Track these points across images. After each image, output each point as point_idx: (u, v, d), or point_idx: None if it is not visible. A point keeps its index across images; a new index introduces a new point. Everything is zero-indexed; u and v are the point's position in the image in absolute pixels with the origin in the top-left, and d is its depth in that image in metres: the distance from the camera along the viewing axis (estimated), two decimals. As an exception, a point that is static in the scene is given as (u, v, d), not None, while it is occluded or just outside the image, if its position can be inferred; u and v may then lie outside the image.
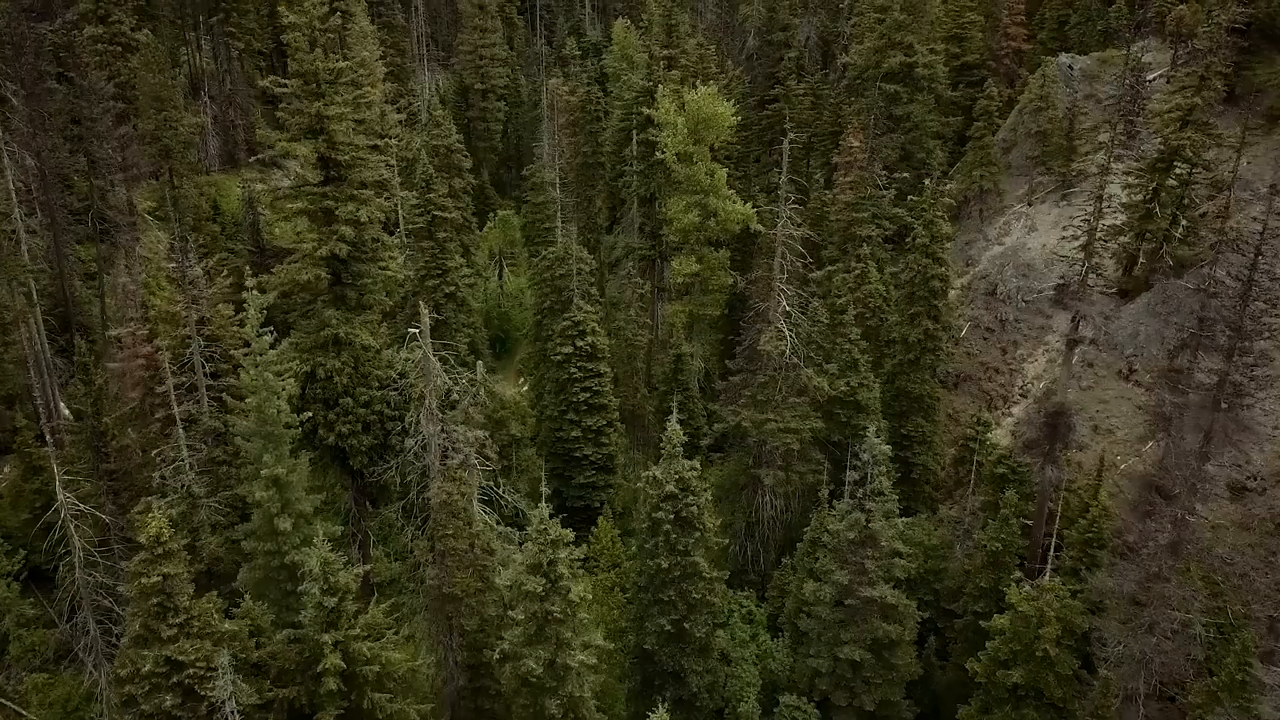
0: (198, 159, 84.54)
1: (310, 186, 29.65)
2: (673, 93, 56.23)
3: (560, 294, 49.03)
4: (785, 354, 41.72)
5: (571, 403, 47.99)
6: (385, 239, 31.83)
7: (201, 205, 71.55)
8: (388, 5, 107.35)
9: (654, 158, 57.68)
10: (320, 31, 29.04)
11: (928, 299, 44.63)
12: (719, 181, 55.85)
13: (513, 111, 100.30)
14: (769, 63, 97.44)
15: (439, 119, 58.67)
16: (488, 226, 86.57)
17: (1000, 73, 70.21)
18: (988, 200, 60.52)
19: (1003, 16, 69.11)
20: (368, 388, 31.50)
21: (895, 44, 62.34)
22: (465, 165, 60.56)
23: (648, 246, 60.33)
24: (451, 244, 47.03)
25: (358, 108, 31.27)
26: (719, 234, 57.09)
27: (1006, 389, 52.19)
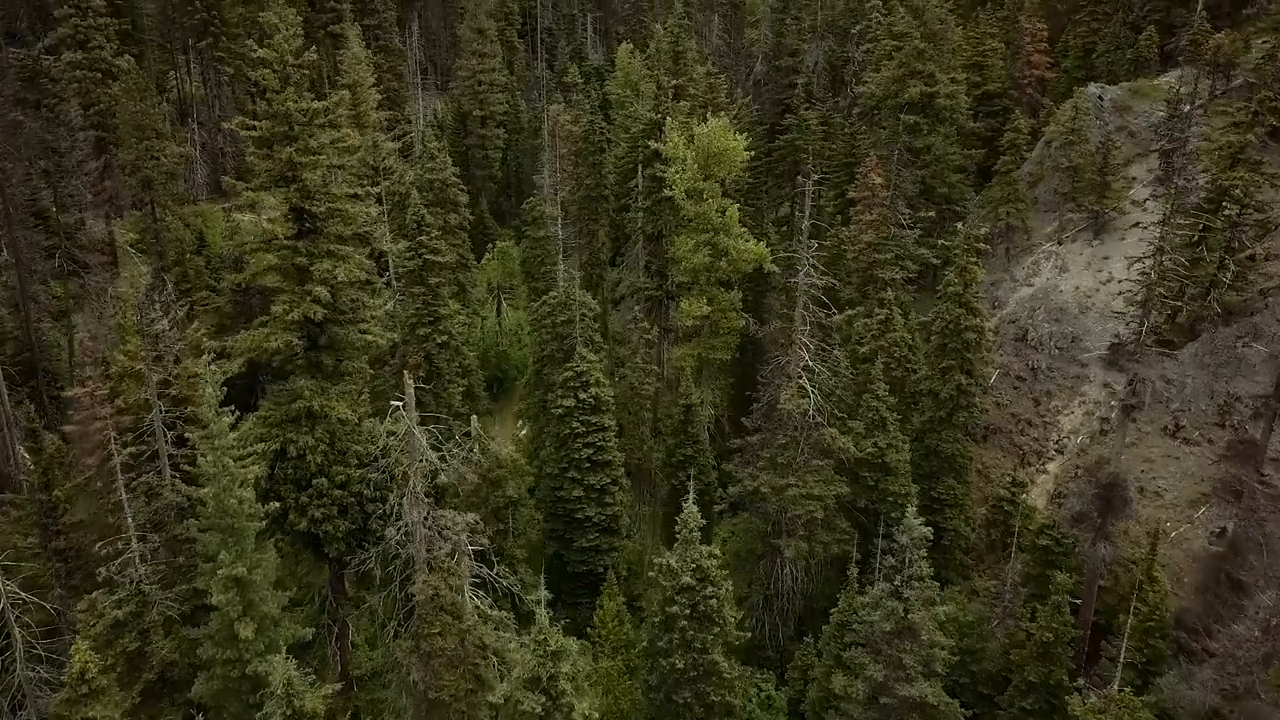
0: (184, 188, 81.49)
1: (281, 240, 26.19)
2: (681, 125, 52.97)
3: (562, 342, 45.54)
4: (808, 413, 38.20)
5: (573, 459, 44.39)
6: (366, 300, 28.36)
7: (185, 238, 68.13)
8: (384, 29, 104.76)
9: (661, 194, 54.33)
10: (294, 68, 25.70)
11: (960, 351, 41.13)
12: (730, 219, 52.50)
13: (512, 139, 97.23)
14: (777, 88, 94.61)
15: (434, 151, 55.35)
16: (486, 258, 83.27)
17: (1022, 102, 67.07)
18: (1014, 238, 57.14)
19: (1024, 44, 65.98)
20: (345, 466, 27.93)
21: (915, 73, 59.12)
22: (461, 200, 57.23)
23: (654, 286, 56.89)
24: (445, 289, 43.55)
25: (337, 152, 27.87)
26: (730, 274, 53.70)
27: (1040, 443, 48.58)
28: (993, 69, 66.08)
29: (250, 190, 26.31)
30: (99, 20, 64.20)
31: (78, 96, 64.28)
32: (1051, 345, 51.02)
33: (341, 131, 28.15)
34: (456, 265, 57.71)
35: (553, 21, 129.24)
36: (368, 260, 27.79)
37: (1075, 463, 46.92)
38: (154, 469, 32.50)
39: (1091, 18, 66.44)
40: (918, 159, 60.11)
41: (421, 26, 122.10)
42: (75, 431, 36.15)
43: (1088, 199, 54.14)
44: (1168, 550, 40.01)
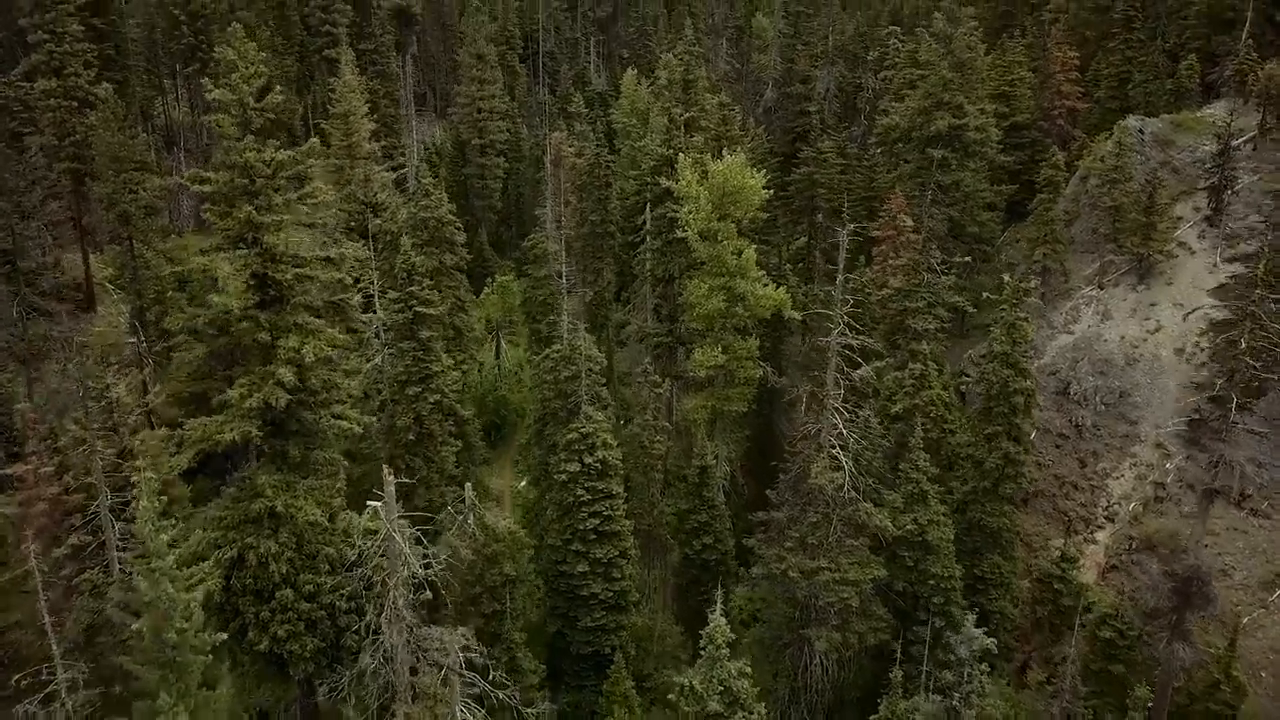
0: (169, 220, 77.77)
1: (238, 314, 22.26)
2: (694, 161, 49.22)
3: (566, 399, 41.55)
4: (843, 487, 34.15)
5: (577, 530, 40.28)
6: (339, 381, 24.40)
7: (166, 275, 64.12)
8: (381, 54, 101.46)
9: (673, 234, 50.57)
10: (256, 111, 21.89)
11: (1007, 416, 37.14)
12: (747, 262, 48.59)
13: (513, 167, 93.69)
14: (788, 116, 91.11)
15: (428, 188, 51.58)
16: (485, 293, 79.40)
17: (1052, 134, 63.45)
18: (1051, 280, 53.31)
19: (1054, 73, 62.39)
20: (315, 574, 23.86)
21: (942, 104, 55.49)
22: (458, 239, 53.40)
23: (664, 332, 52.98)
24: (437, 342, 39.60)
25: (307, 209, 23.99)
26: (747, 321, 49.75)
27: (1088, 509, 44.51)
28: (1021, 99, 62.46)
29: (204, 254, 22.44)
30: (76, 46, 60.60)
31: (52, 127, 60.63)
32: (1097, 400, 47.04)
33: (313, 185, 24.31)
34: (452, 308, 53.85)
35: (555, 45, 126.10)
36: (342, 335, 23.86)
37: (1128, 532, 42.85)
38: (101, 563, 28.50)
39: (1125, 45, 62.88)
40: (946, 195, 56.40)
41: (420, 51, 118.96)
42: (16, 514, 32.14)
43: (1131, 240, 50.30)
44: (1241, 640, 35.85)
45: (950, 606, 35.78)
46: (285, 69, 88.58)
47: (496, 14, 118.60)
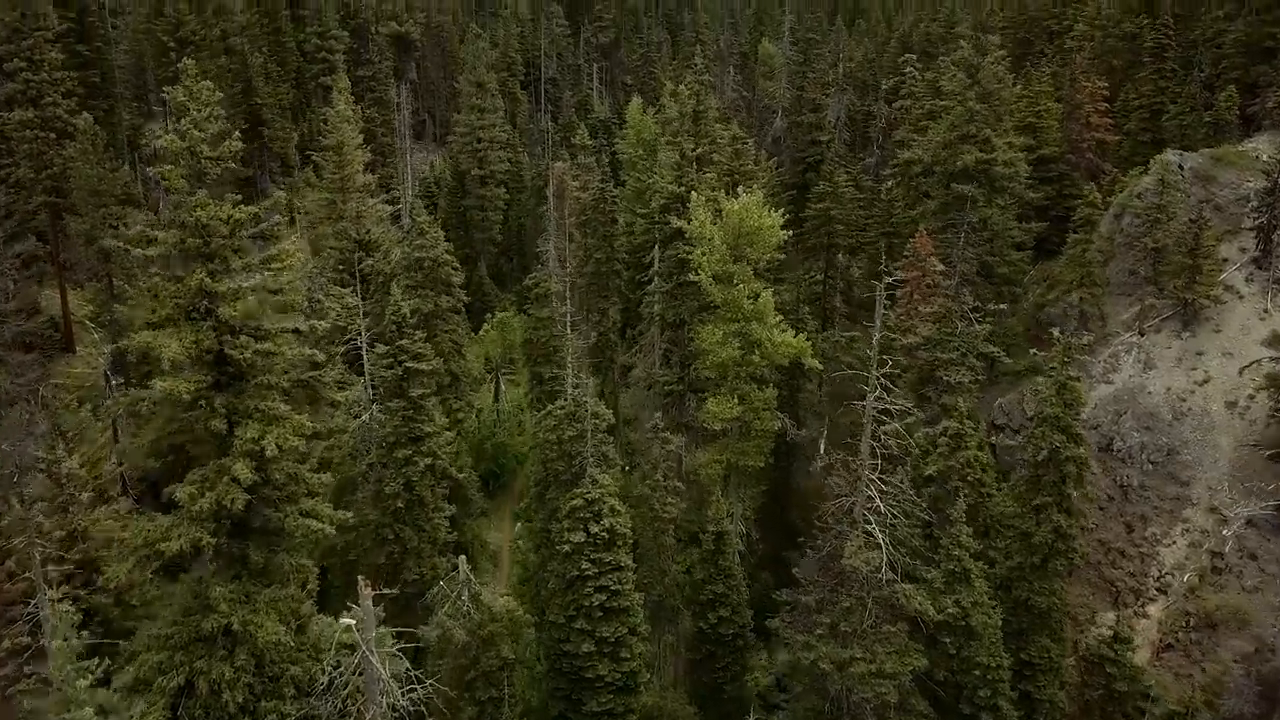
0: (155, 253, 74.67)
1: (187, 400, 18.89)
2: (707, 199, 46.04)
3: (570, 461, 38.05)
4: (880, 568, 30.64)
5: (582, 607, 36.71)
6: (307, 476, 20.97)
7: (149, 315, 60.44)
8: (379, 80, 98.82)
9: (683, 276, 47.34)
10: (211, 161, 18.67)
11: (1058, 486, 33.64)
12: (764, 306, 45.27)
13: (514, 198, 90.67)
14: (799, 145, 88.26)
15: (423, 226, 48.38)
16: (484, 329, 76.08)
17: (1081, 167, 60.38)
18: (1087, 325, 49.92)
19: (1082, 104, 59.35)
20: (279, 699, 20.31)
21: (968, 137, 52.38)
22: (455, 280, 50.11)
23: (674, 379, 49.57)
24: (430, 399, 36.20)
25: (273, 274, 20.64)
26: (764, 369, 46.37)
27: (1138, 580, 40.89)
28: (1048, 131, 59.36)
29: (149, 328, 19.07)
30: (54, 74, 57.63)
31: (29, 158, 57.58)
32: (1143, 459, 43.55)
33: (280, 245, 21.03)
34: (449, 352, 50.54)
35: (557, 71, 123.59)
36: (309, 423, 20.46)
37: (1184, 607, 39.22)
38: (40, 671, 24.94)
39: (1157, 75, 59.91)
40: (974, 235, 53.19)
41: (419, 77, 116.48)
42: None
43: (1174, 283, 46.99)
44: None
45: (998, 699, 32.24)
46: (279, 96, 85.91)
47: (498, 40, 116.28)
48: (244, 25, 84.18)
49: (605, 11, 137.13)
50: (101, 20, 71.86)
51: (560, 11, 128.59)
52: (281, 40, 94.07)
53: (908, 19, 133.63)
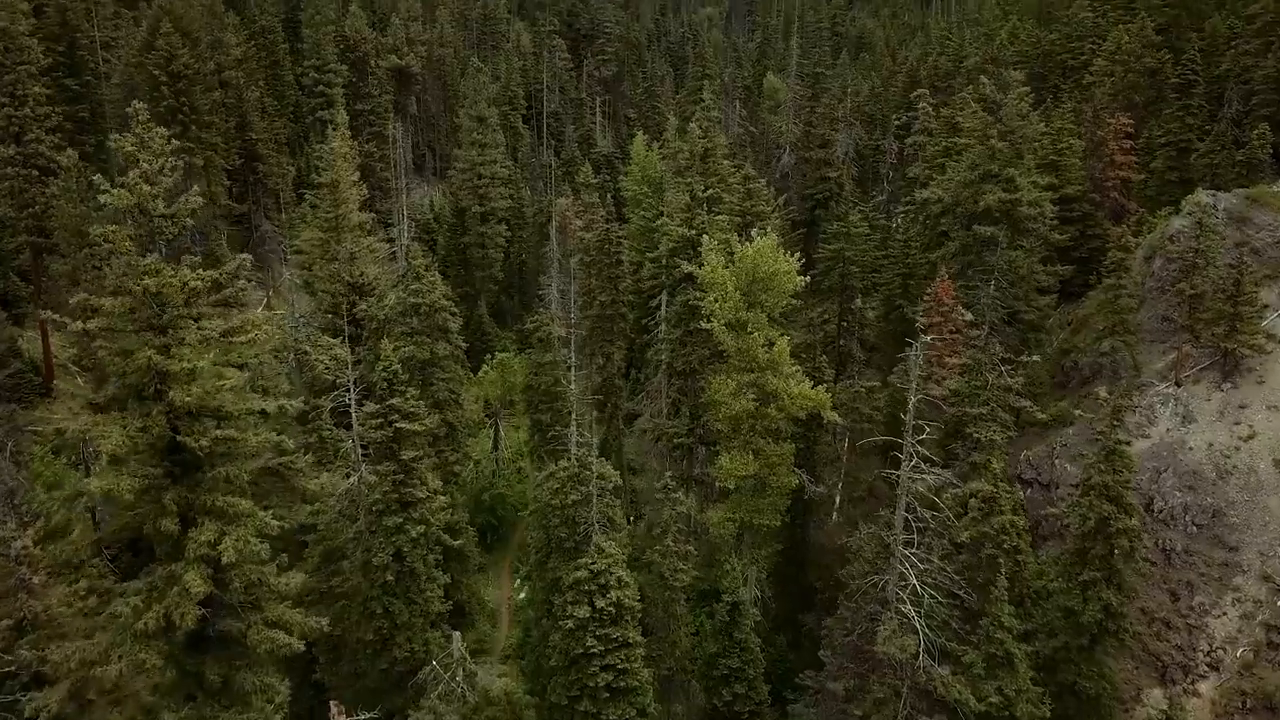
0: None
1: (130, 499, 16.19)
2: (719, 243, 43.62)
3: (574, 529, 35.21)
4: (917, 655, 27.78)
5: (586, 687, 33.77)
6: (272, 581, 18.22)
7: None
8: (378, 114, 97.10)
9: (693, 323, 44.80)
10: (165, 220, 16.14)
11: (1108, 560, 30.80)
12: (780, 355, 42.63)
13: (516, 233, 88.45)
14: (807, 181, 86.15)
15: (419, 270, 45.88)
16: (484, 370, 73.49)
17: (1105, 206, 58.05)
18: (1119, 374, 47.25)
19: (1106, 141, 57.13)
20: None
21: (991, 176, 50.06)
22: (453, 326, 47.54)
23: (684, 431, 46.83)
24: (423, 462, 33.46)
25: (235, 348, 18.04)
26: (780, 422, 43.64)
27: (1186, 654, 37.86)
28: (1070, 169, 57.04)
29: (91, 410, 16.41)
30: (38, 110, 55.46)
31: (9, 196, 55.27)
32: (1187, 521, 40.69)
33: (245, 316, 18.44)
34: (446, 402, 47.86)
35: (559, 105, 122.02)
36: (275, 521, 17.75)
37: (1239, 685, 36.21)
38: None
39: (1184, 112, 57.74)
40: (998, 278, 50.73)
41: (420, 110, 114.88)
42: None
43: (1212, 331, 44.36)
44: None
45: (1046, 798, 29.20)
46: (275, 131, 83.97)
47: (499, 73, 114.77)
48: (240, 59, 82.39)
49: (607, 45, 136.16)
50: (92, 54, 69.96)
51: (563, 45, 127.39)
52: (279, 74, 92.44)
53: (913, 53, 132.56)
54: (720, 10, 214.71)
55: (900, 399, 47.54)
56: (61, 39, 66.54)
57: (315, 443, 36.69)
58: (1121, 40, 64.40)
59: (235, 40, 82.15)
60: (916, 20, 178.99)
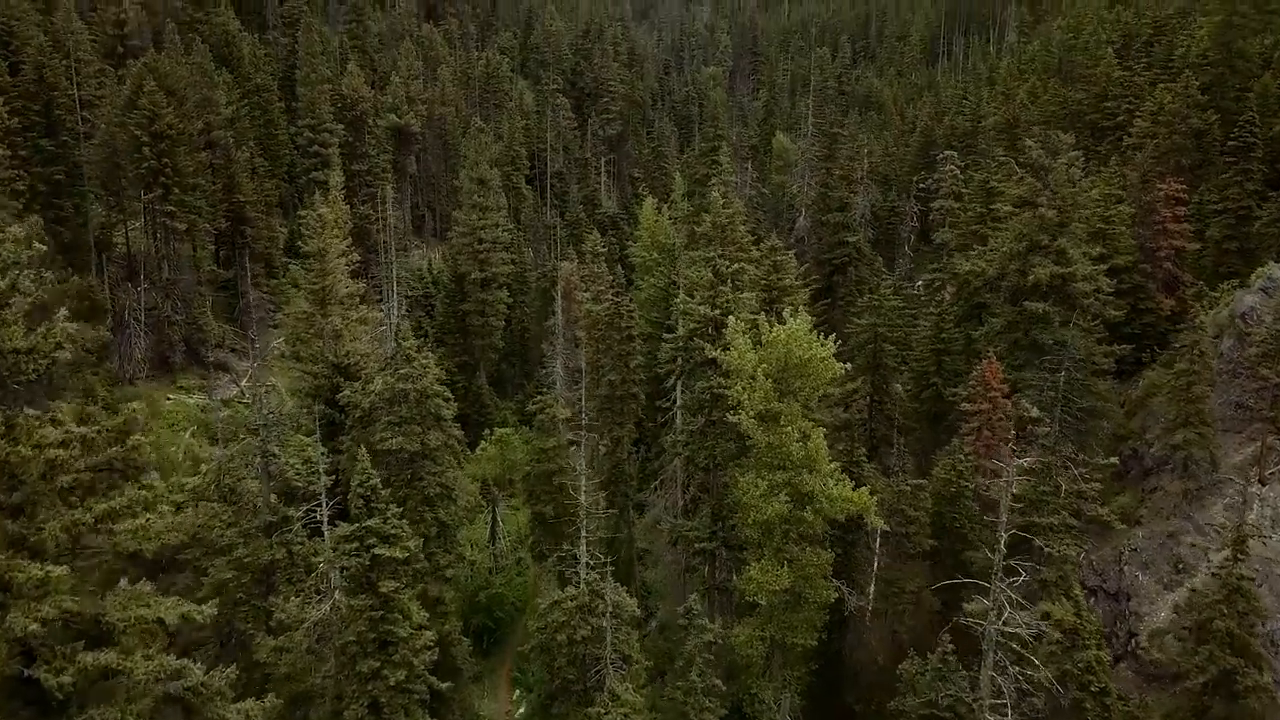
0: (119, 366, 67.58)
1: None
2: (746, 324, 38.89)
3: (584, 670, 29.86)
4: None
5: None
6: None
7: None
8: (375, 174, 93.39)
9: (716, 413, 39.89)
10: (23, 356, 11.26)
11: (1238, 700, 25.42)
12: (816, 451, 37.56)
13: (517, 299, 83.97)
14: (824, 246, 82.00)
15: (409, 352, 41.08)
16: (482, 446, 68.32)
17: (1157, 278, 53.47)
18: (1193, 470, 42.18)
19: (1157, 207, 52.82)
20: None
21: (1039, 247, 45.64)
22: (446, 414, 42.55)
23: (706, 534, 41.58)
24: (405, 593, 28.27)
25: (131, 533, 13.00)
26: (817, 528, 38.44)
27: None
28: (1118, 238, 52.61)
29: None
30: (2, 174, 51.34)
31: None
32: (1292, 647, 35.14)
33: (140, 487, 13.55)
34: (437, 498, 42.70)
35: (563, 165, 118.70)
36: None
37: None
38: None
39: (1243, 177, 53.56)
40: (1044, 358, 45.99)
41: (420, 170, 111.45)
42: None
43: (1301, 422, 39.42)
44: None
45: None
46: (266, 193, 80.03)
47: (502, 132, 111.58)
48: (231, 118, 78.74)
49: (612, 104, 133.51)
50: (71, 113, 66.19)
51: (566, 103, 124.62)
52: (274, 133, 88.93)
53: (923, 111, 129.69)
54: (723, 69, 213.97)
55: (948, 496, 42.53)
56: (38, 98, 62.73)
57: (284, 559, 31.49)
58: (1164, 100, 60.53)
59: (226, 99, 78.55)
60: (923, 79, 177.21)
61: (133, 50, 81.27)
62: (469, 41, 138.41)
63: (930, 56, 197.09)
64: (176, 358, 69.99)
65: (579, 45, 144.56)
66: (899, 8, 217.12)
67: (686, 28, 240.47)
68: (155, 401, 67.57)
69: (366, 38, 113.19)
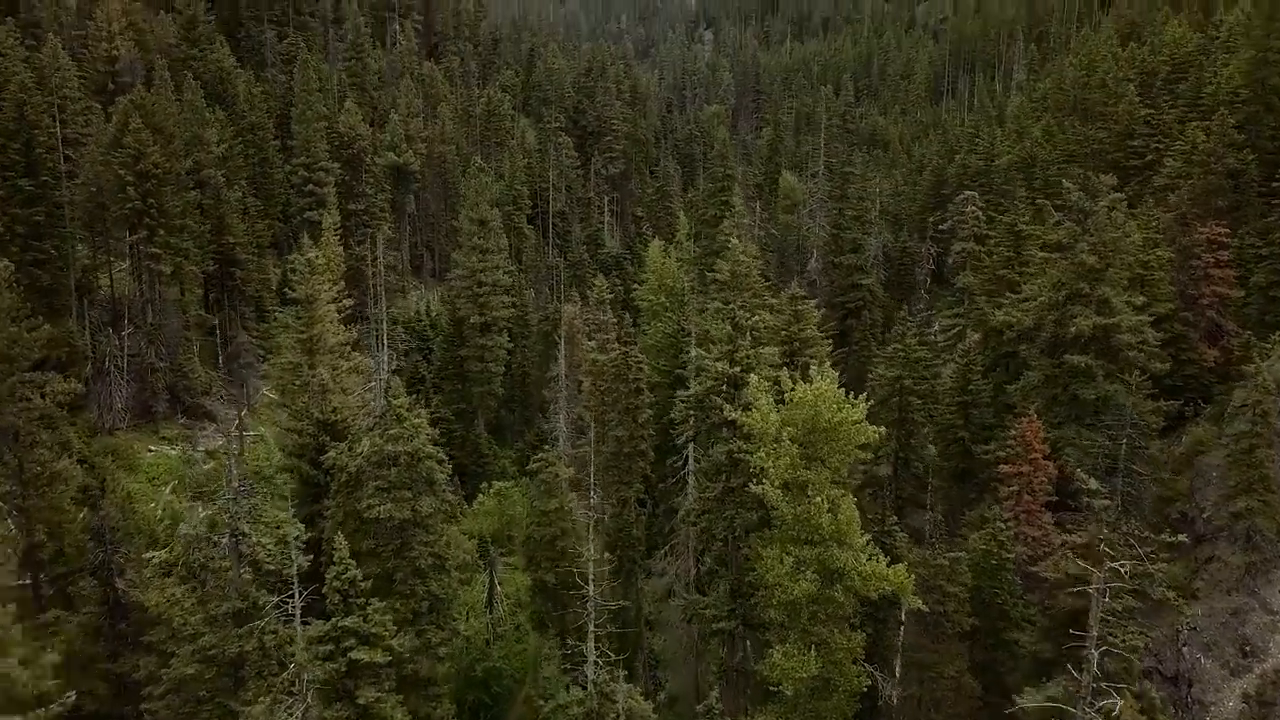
0: (98, 415, 64.22)
1: None
2: (769, 382, 35.57)
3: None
4: None
5: None
6: None
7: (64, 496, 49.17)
8: (373, 214, 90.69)
9: (734, 478, 36.44)
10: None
11: None
12: (847, 523, 34.13)
13: (518, 343, 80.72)
14: (837, 288, 79.09)
15: (399, 411, 37.68)
16: (479, 500, 64.71)
17: (1199, 327, 50.28)
18: (1257, 541, 38.60)
19: (1198, 251, 49.80)
20: None
21: (1080, 296, 42.45)
22: (440, 478, 39.02)
23: (724, 612, 37.88)
24: (387, 701, 24.63)
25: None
26: (848, 607, 34.84)
27: None
28: (1158, 284, 49.49)
29: None
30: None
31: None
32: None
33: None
34: (429, 570, 39.06)
35: (566, 204, 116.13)
36: None
37: None
38: None
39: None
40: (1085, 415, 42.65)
41: (419, 209, 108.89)
42: None
43: (1374, 489, 35.90)
44: None
45: None
46: (258, 234, 77.18)
47: (503, 171, 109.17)
48: (223, 156, 76.05)
49: (615, 142, 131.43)
50: (51, 152, 63.44)
51: (569, 142, 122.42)
52: (269, 172, 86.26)
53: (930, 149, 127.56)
54: (726, 107, 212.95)
55: (988, 568, 38.87)
56: (18, 135, 59.96)
57: (255, 652, 27.87)
58: (1197, 139, 57.76)
59: (218, 137, 75.91)
60: (928, 117, 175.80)
61: (123, 87, 78.79)
62: (470, 79, 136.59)
63: (934, 94, 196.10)
64: (160, 406, 66.58)
65: (581, 83, 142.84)
66: (901, 45, 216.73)
67: (687, 66, 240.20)
68: (136, 453, 64.12)
69: (366, 75, 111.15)
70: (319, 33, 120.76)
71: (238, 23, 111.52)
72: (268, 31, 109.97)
